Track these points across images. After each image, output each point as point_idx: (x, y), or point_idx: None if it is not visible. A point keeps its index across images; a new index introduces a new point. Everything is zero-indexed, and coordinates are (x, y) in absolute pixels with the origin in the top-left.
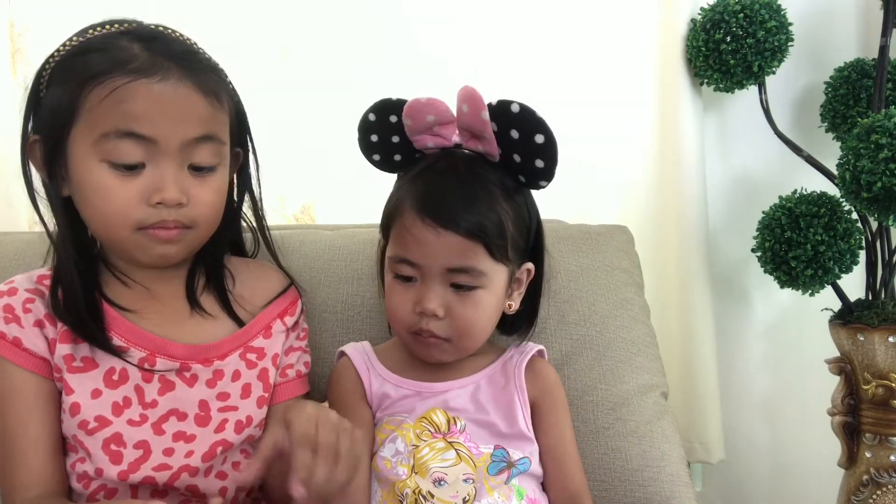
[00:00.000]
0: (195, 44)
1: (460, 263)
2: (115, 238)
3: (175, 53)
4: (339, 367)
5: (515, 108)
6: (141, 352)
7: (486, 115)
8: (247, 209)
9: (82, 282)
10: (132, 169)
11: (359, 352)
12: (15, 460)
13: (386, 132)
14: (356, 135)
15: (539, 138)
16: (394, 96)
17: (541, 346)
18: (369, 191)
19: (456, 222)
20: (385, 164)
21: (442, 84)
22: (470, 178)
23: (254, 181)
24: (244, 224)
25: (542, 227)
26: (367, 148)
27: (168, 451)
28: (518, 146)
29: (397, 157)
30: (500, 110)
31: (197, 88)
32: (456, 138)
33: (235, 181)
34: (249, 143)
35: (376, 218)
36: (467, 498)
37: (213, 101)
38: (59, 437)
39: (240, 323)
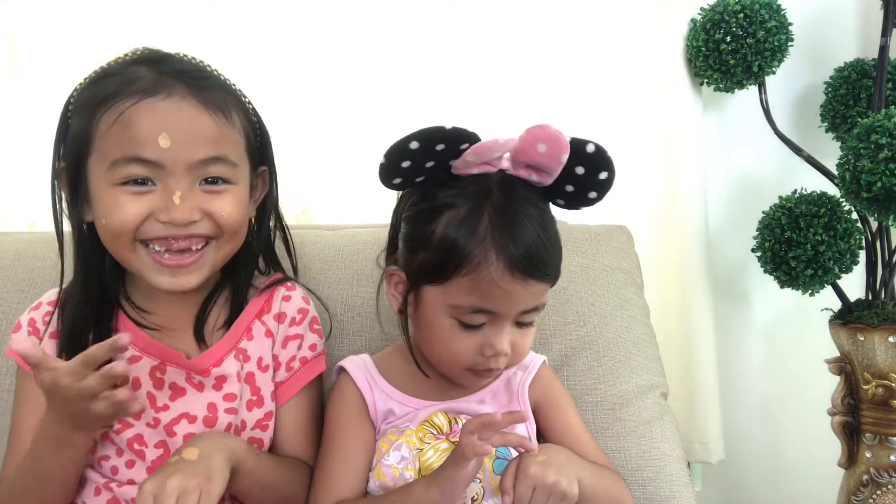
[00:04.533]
0: (210, 66)
1: (536, 303)
2: (124, 258)
3: (181, 72)
4: (339, 385)
5: (591, 149)
6: (153, 360)
7: (565, 158)
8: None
9: (96, 306)
10: (144, 185)
11: (359, 368)
12: (12, 450)
13: (422, 159)
14: (382, 159)
15: (603, 175)
16: (448, 124)
17: (543, 357)
18: (369, 191)
19: (546, 273)
20: (402, 186)
21: (441, 86)
22: (543, 220)
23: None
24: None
25: None
26: (392, 172)
27: None
28: (578, 180)
29: (420, 179)
30: (575, 149)
31: (203, 106)
32: (504, 164)
33: (265, 200)
34: (272, 163)
35: (377, 218)
36: (476, 497)
37: (221, 118)
38: None
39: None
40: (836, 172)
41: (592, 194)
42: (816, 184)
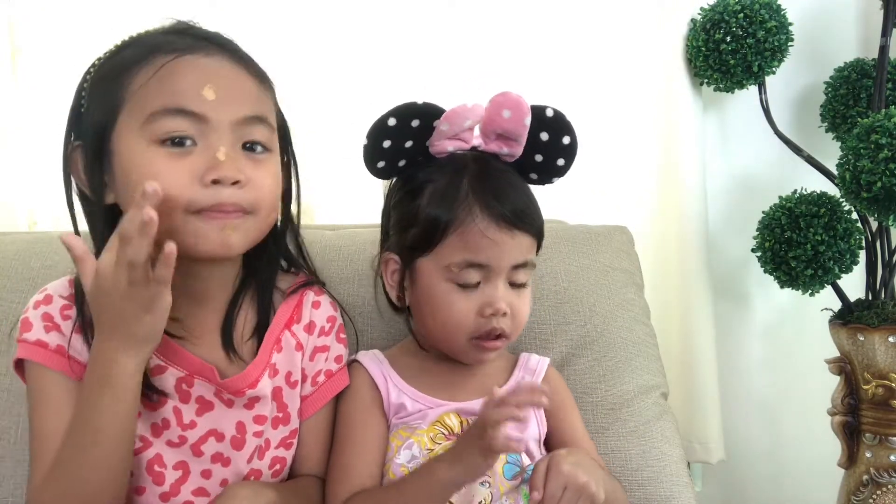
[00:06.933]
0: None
1: (525, 258)
2: (170, 226)
3: (214, 36)
4: (353, 377)
5: (550, 113)
6: (180, 372)
7: (528, 121)
8: None
9: None
10: (182, 146)
11: (373, 360)
12: (41, 456)
13: (402, 137)
14: (364, 140)
15: (566, 140)
16: (419, 100)
17: (548, 359)
18: (369, 191)
19: (530, 224)
20: (386, 171)
21: (441, 87)
22: (520, 182)
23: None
24: None
25: None
26: (375, 154)
27: (206, 473)
28: (544, 147)
29: (402, 163)
30: (536, 115)
31: (243, 67)
32: (476, 141)
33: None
34: (294, 161)
35: (377, 218)
36: (483, 502)
37: (260, 83)
38: None
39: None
40: (836, 172)
41: (560, 161)
42: (816, 184)
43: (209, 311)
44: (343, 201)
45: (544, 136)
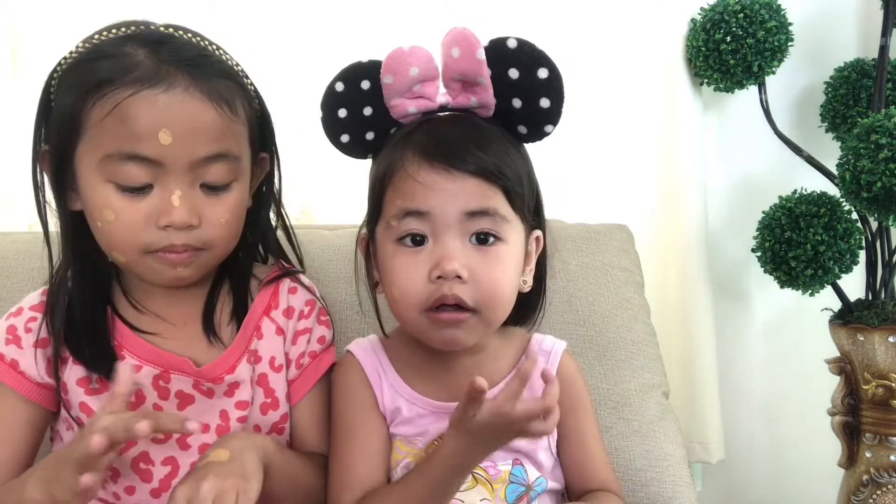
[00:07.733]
0: (211, 44)
1: (480, 205)
2: (123, 261)
3: (184, 59)
4: (347, 372)
5: (512, 44)
6: (154, 369)
7: (481, 54)
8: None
9: (90, 301)
10: (138, 191)
11: (368, 353)
12: None
13: (357, 104)
14: (320, 112)
15: (542, 73)
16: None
17: (564, 343)
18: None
19: (471, 162)
20: (355, 146)
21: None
22: (475, 124)
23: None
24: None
25: (541, 194)
26: (335, 127)
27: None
28: (518, 88)
29: (370, 136)
30: (495, 49)
31: (207, 98)
32: (442, 98)
33: (263, 187)
34: (275, 150)
35: None
36: None
37: (226, 111)
38: (29, 464)
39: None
40: (836, 172)
41: (544, 101)
42: (816, 184)
43: (185, 304)
44: (342, 201)
45: (514, 73)
